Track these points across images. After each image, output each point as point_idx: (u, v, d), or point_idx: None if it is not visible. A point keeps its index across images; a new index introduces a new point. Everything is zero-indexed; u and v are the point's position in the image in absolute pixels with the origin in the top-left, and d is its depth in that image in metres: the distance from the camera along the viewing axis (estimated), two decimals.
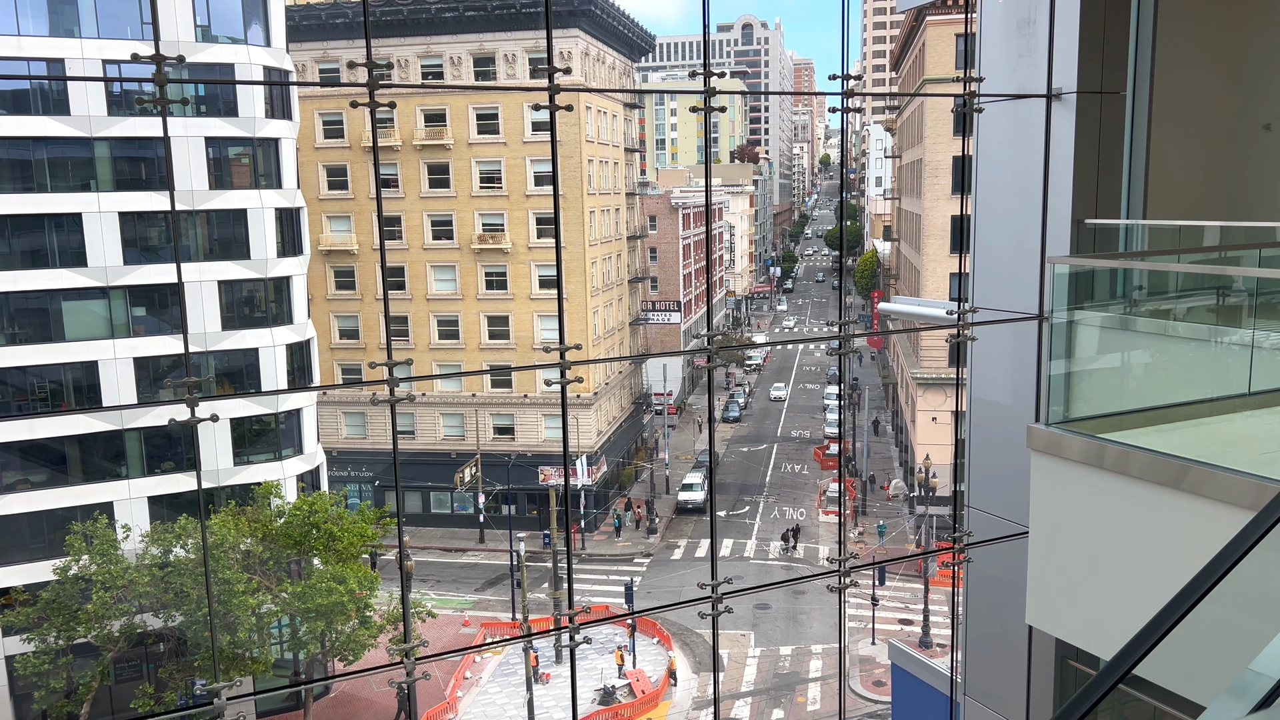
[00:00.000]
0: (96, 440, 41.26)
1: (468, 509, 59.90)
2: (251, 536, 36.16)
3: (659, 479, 67.43)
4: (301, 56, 58.79)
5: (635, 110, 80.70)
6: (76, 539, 35.60)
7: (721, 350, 9.91)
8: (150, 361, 41.86)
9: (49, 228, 40.16)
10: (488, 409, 61.60)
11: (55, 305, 40.39)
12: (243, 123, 42.83)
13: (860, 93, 10.21)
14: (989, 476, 10.52)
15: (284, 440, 45.06)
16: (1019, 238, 10.13)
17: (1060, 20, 9.66)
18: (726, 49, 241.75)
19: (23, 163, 39.85)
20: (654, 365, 76.98)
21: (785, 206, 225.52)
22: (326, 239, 61.34)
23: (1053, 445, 7.26)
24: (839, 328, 9.96)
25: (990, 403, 10.60)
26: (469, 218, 60.79)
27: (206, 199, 41.98)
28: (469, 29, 59.35)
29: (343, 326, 62.79)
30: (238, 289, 43.53)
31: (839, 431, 21.50)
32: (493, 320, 61.52)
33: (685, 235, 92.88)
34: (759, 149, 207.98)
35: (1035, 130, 9.91)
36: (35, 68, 39.41)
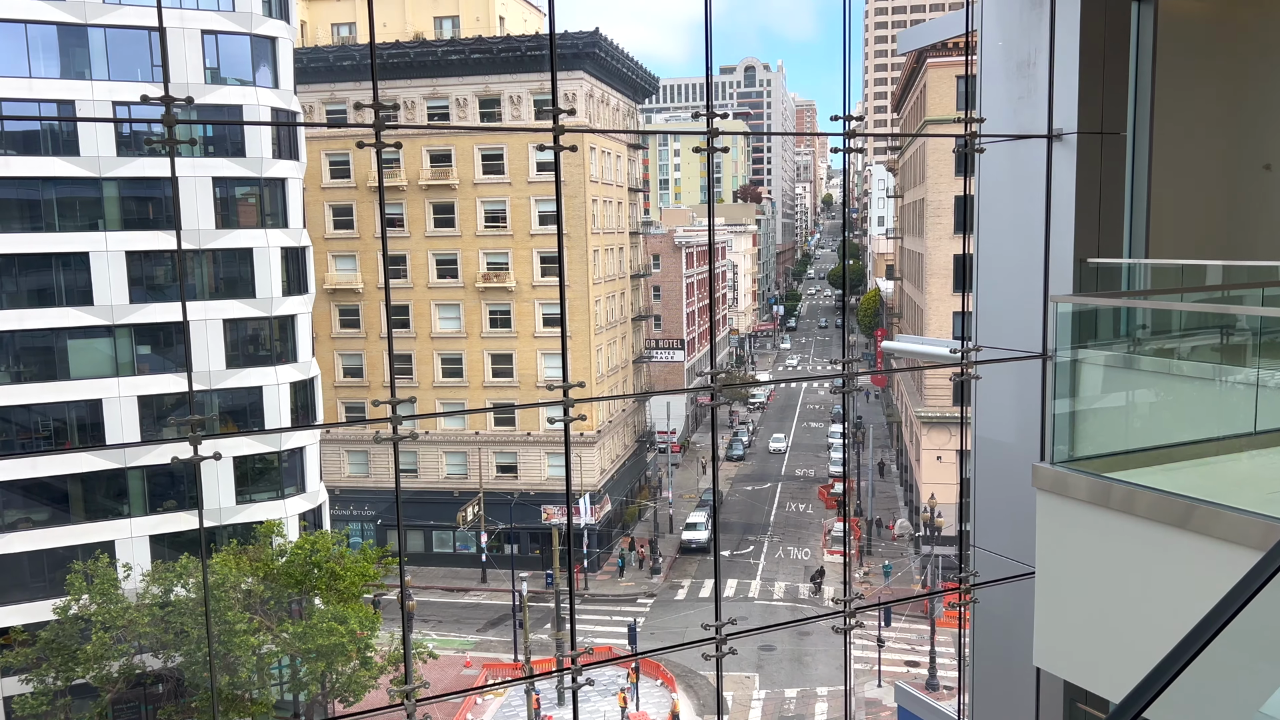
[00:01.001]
0: (99, 479, 41.20)
1: (470, 548, 59.56)
2: (253, 576, 35.95)
3: (662, 518, 67.08)
4: (309, 98, 59.47)
5: (639, 150, 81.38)
6: (77, 578, 35.41)
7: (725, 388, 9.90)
8: (154, 400, 41.90)
9: (56, 266, 40.42)
10: (491, 447, 61.47)
11: (61, 343, 40.52)
12: (250, 163, 43.23)
13: (862, 133, 10.30)
14: (995, 516, 10.45)
15: (286, 479, 44.95)
16: (1022, 277, 10.15)
17: (1060, 62, 9.76)
18: (729, 90, 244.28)
19: (31, 202, 40.20)
20: (657, 403, 76.88)
21: (788, 245, 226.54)
22: (332, 278, 61.63)
23: (1058, 484, 7.23)
24: (843, 366, 9.96)
25: (995, 442, 10.57)
26: (474, 256, 61.09)
27: (213, 238, 42.27)
28: (475, 71, 60.05)
29: (347, 365, 62.88)
30: (243, 327, 43.68)
31: (843, 471, 21.39)
32: (496, 358, 61.59)
33: (688, 274, 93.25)
34: (761, 189, 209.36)
35: (1036, 170, 9.98)
36: (46, 109, 39.90)
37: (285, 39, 44.48)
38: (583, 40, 59.31)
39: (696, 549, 61.68)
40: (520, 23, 72.78)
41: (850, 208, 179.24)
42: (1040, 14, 9.94)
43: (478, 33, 65.85)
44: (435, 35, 66.90)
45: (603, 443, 63.80)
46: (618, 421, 68.15)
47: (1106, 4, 9.63)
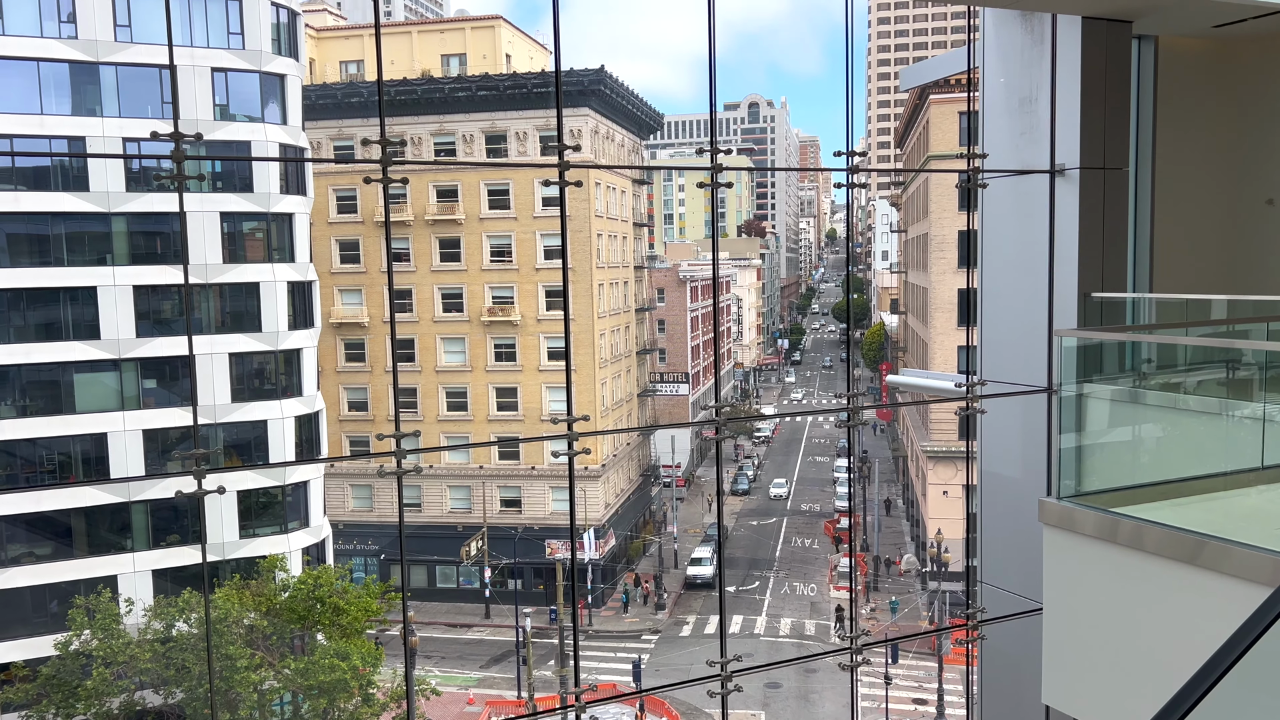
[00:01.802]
0: (103, 513, 41.12)
1: (473, 583, 59.20)
2: (255, 611, 35.72)
3: (667, 553, 66.69)
4: (317, 134, 60.04)
5: (644, 186, 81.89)
6: (79, 613, 35.22)
7: (730, 422, 9.88)
8: (159, 434, 41.93)
9: (64, 301, 40.64)
10: (495, 481, 61.30)
11: (67, 377, 40.64)
12: (258, 198, 43.57)
13: (865, 169, 10.38)
14: (1002, 551, 10.38)
15: (290, 513, 44.83)
16: (1026, 311, 10.17)
17: (1062, 98, 9.84)
18: (733, 127, 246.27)
19: (41, 237, 40.52)
20: (662, 437, 76.71)
21: (792, 280, 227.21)
22: (338, 311, 61.86)
23: (1065, 520, 7.19)
24: (848, 400, 9.95)
25: (1001, 476, 10.53)
26: (479, 290, 61.32)
27: (220, 272, 42.50)
28: (482, 108, 60.63)
29: (352, 398, 62.92)
30: (248, 361, 43.79)
31: (849, 506, 21.25)
32: (501, 392, 61.60)
33: (693, 307, 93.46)
34: (766, 223, 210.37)
35: (1039, 205, 10.03)
36: (57, 145, 40.33)
37: (294, 76, 45.01)
38: (588, 78, 59.92)
39: (701, 585, 61.24)
40: (527, 60, 73.62)
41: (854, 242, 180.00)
42: (1041, 51, 10.04)
43: (484, 70, 66.58)
44: (443, 73, 67.66)
45: (607, 477, 63.60)
46: (622, 455, 67.97)
47: (1107, 41, 9.73)
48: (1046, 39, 9.96)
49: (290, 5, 44.99)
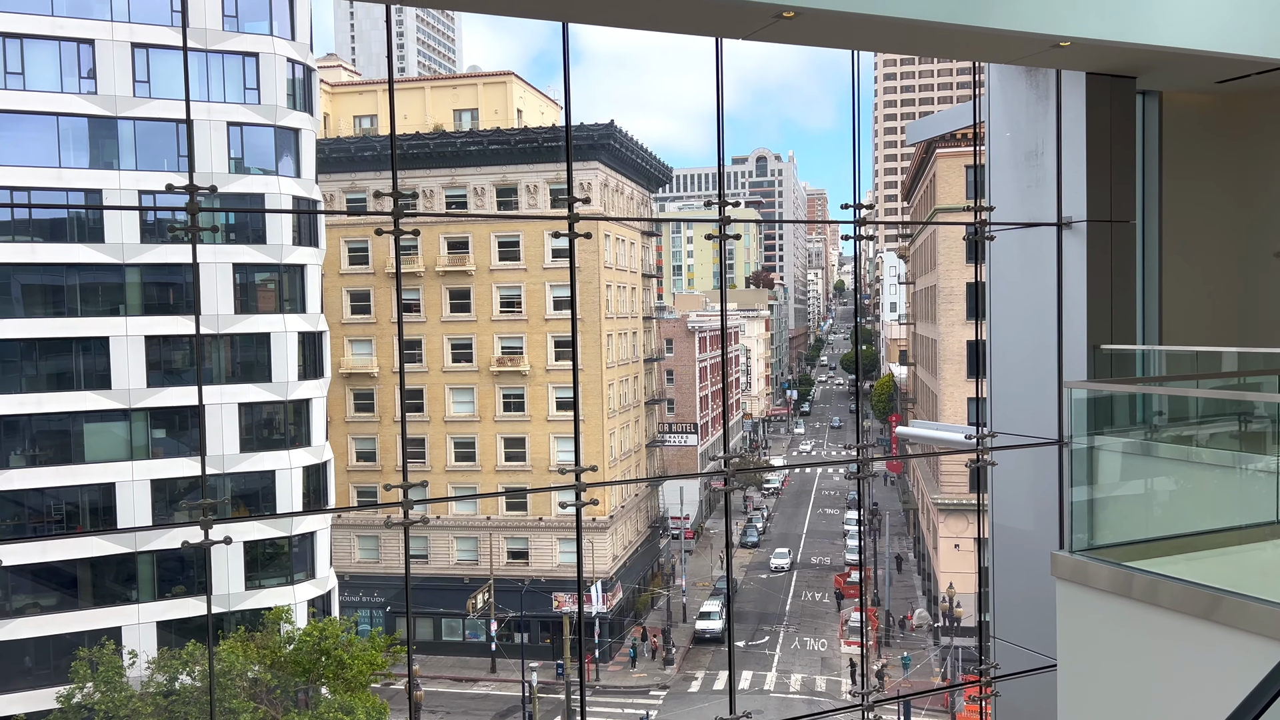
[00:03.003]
0: (109, 563, 40.94)
1: (479, 636, 58.54)
2: (260, 664, 35.37)
3: (675, 607, 65.94)
4: (330, 187, 60.79)
5: (652, 237, 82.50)
6: (81, 665, 34.93)
7: (739, 473, 9.85)
8: (167, 483, 41.89)
9: (76, 351, 40.90)
10: (502, 532, 60.93)
11: (77, 427, 40.74)
12: (270, 249, 44.00)
13: (872, 221, 10.45)
14: (1015, 606, 10.25)
15: (297, 564, 44.57)
16: (1035, 363, 10.15)
17: (1067, 152, 9.93)
18: (741, 180, 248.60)
19: (55, 288, 40.91)
20: (671, 488, 76.24)
21: (801, 331, 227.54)
22: (348, 362, 62.08)
23: (1078, 574, 7.10)
24: (858, 451, 9.91)
25: (1013, 529, 10.43)
26: (488, 341, 61.54)
27: (231, 323, 42.78)
28: (492, 162, 61.39)
29: (360, 448, 62.87)
30: (258, 411, 43.87)
31: (860, 559, 21.02)
32: (509, 442, 61.49)
33: (701, 358, 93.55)
34: (774, 275, 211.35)
35: (1047, 257, 10.06)
36: (74, 197, 40.90)
37: (308, 130, 45.70)
38: (598, 132, 60.69)
39: (711, 639, 60.45)
40: (537, 115, 74.70)
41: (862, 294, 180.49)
42: (1046, 106, 10.15)
43: (496, 125, 67.57)
44: (455, 127, 68.65)
45: (615, 528, 63.16)
46: (630, 507, 67.58)
47: (1111, 96, 9.84)
48: (1051, 94, 10.07)
49: (306, 61, 45.85)
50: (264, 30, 43.69)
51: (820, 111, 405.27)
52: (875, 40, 8.56)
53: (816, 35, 8.15)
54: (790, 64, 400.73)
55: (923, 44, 8.68)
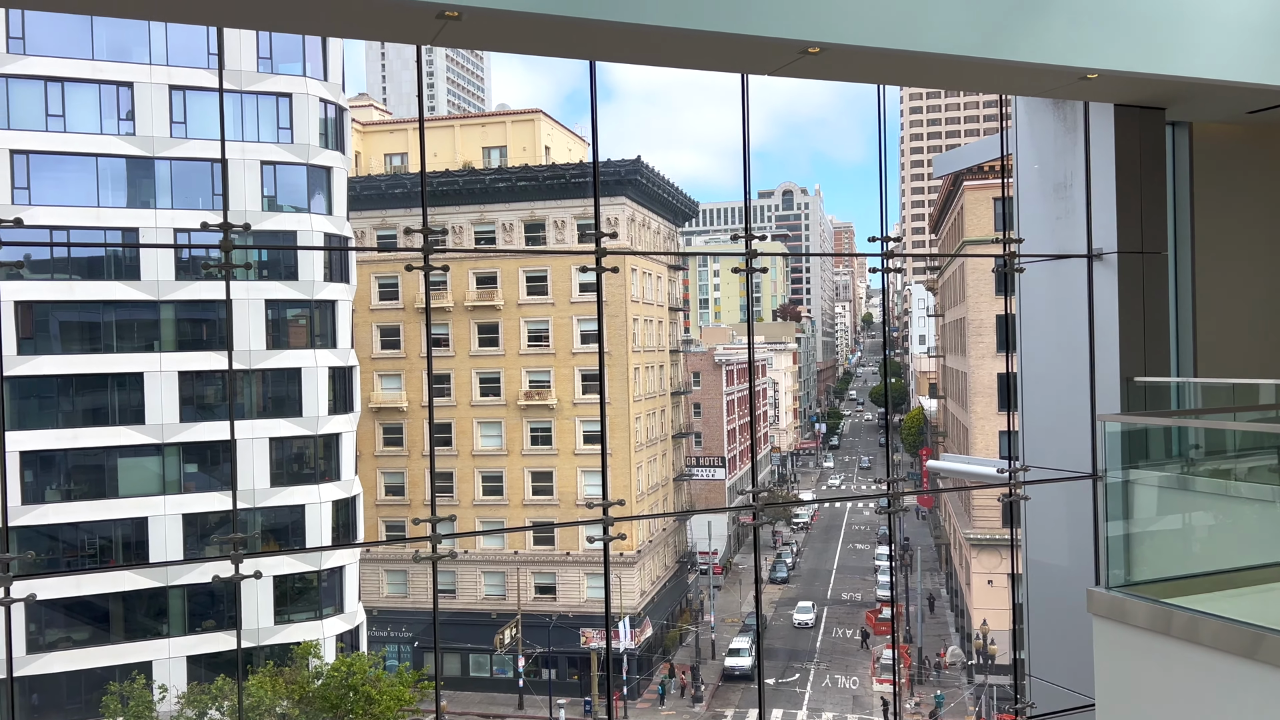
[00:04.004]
0: (140, 598, 41.21)
1: (507, 672, 58.22)
2: (288, 699, 35.35)
3: (704, 643, 65.29)
4: (361, 223, 61.58)
5: (679, 271, 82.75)
6: (112, 700, 35.07)
7: (767, 507, 9.79)
8: (199, 518, 42.22)
9: (111, 386, 41.49)
10: (529, 567, 60.75)
11: (111, 462, 41.23)
12: (302, 285, 44.56)
13: (900, 254, 10.44)
14: (1050, 643, 10.06)
15: (325, 598, 44.64)
16: (1067, 396, 10.04)
17: (1097, 184, 9.88)
18: (768, 214, 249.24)
19: (92, 325, 41.61)
20: (698, 523, 75.78)
21: (829, 363, 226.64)
22: (377, 396, 62.51)
23: (1115, 610, 6.97)
24: (888, 485, 9.83)
25: (1047, 565, 10.26)
26: (516, 375, 61.78)
27: (263, 358, 43.25)
28: (521, 198, 61.98)
29: (389, 482, 63.10)
30: (288, 446, 44.21)
31: (891, 595, 20.74)
32: (537, 476, 61.50)
33: (729, 391, 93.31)
34: (801, 307, 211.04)
35: (1078, 289, 9.99)
36: (111, 236, 41.71)
37: (340, 168, 46.42)
38: (625, 168, 61.17)
39: (740, 676, 59.73)
40: (565, 152, 75.44)
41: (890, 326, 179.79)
42: (1074, 138, 10.12)
43: (524, 161, 68.30)
44: (484, 164, 69.46)
45: (643, 563, 62.80)
46: (658, 541, 67.21)
47: (1140, 128, 9.80)
48: (1079, 126, 10.05)
49: (338, 101, 46.66)
50: (297, 71, 44.56)
51: (851, 145, 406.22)
52: (901, 75, 8.60)
53: (842, 71, 8.20)
54: (822, 98, 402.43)
55: (949, 78, 8.70)
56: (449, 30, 6.80)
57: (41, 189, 40.50)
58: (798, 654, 63.83)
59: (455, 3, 6.36)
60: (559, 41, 7.35)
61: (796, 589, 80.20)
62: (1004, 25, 7.88)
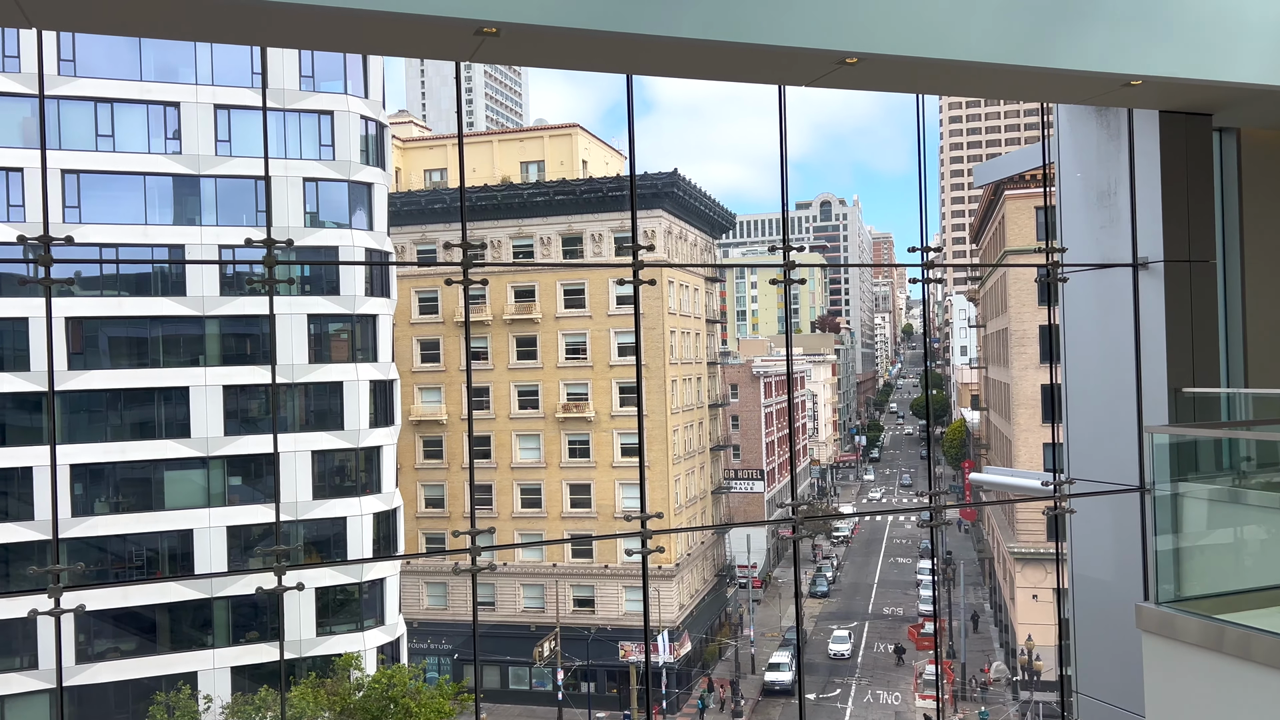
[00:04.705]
0: (185, 609, 41.80)
1: (546, 685, 58.22)
2: (330, 710, 35.62)
3: (744, 657, 64.87)
4: (401, 239, 62.26)
5: (716, 283, 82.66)
6: (159, 710, 35.56)
7: (807, 520, 9.72)
8: (242, 530, 42.78)
9: (158, 401, 42.24)
10: (568, 579, 60.79)
11: (158, 475, 41.93)
12: (344, 300, 45.11)
13: (940, 264, 10.34)
14: (1098, 659, 9.86)
15: (366, 610, 44.98)
16: (1114, 407, 9.87)
17: (1142, 192, 9.72)
18: (805, 225, 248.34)
19: (139, 340, 42.42)
20: (737, 536, 75.41)
21: (868, 375, 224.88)
22: (417, 409, 63.02)
23: (1165, 626, 6.82)
24: (929, 499, 9.72)
25: (1094, 579, 10.07)
26: (554, 387, 61.99)
27: (305, 372, 43.80)
28: (558, 212, 62.33)
29: (429, 495, 63.53)
30: (330, 459, 44.68)
31: (934, 610, 20.39)
32: (575, 488, 61.59)
33: (767, 403, 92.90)
34: (840, 319, 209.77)
35: (1123, 299, 9.83)
36: (159, 253, 42.55)
37: (380, 185, 46.99)
38: (662, 181, 61.31)
39: (780, 691, 59.25)
40: (602, 165, 75.78)
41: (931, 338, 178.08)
42: (1118, 145, 9.98)
43: (562, 175, 68.71)
44: (522, 179, 69.97)
45: (681, 577, 62.59)
46: (696, 555, 66.97)
47: (1186, 134, 9.64)
48: (1123, 133, 9.91)
49: (378, 118, 47.28)
50: (339, 89, 45.24)
51: (892, 154, 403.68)
52: (940, 84, 8.53)
53: (880, 80, 8.15)
54: (865, 107, 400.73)
55: (989, 87, 8.62)
56: (487, 46, 6.87)
57: (91, 207, 41.44)
58: (838, 669, 63.19)
59: (494, 19, 6.42)
60: (596, 56, 7.39)
61: (837, 603, 79.46)
62: (1044, 32, 7.80)
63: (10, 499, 40.00)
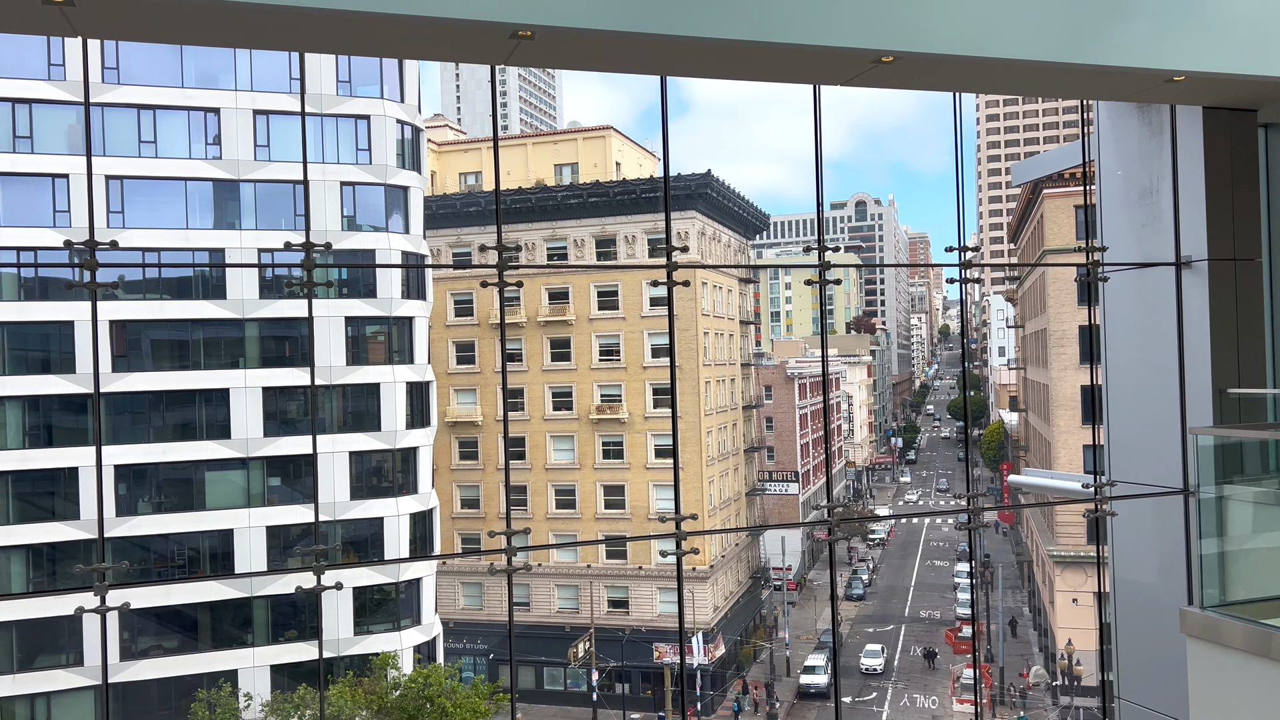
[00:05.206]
0: (226, 607, 42.39)
1: (581, 686, 58.35)
2: (367, 709, 35.93)
3: (779, 660, 64.59)
4: (437, 241, 62.73)
5: (750, 284, 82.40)
6: (200, 706, 36.07)
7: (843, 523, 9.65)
8: (281, 530, 43.30)
9: (199, 403, 42.88)
10: (602, 580, 60.87)
11: (199, 475, 42.57)
12: (381, 303, 45.53)
13: (978, 264, 10.24)
14: (1140, 664, 9.71)
15: (403, 610, 45.34)
16: (1156, 408, 9.71)
17: (1185, 189, 9.57)
18: (840, 225, 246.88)
19: (181, 343, 43.10)
20: (772, 537, 75.12)
21: (905, 377, 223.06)
22: (453, 411, 63.44)
23: (1210, 631, 6.70)
24: (968, 501, 9.63)
25: (1136, 583, 9.92)
26: (588, 389, 62.13)
27: (343, 374, 44.26)
28: (592, 214, 62.47)
29: (465, 496, 63.92)
30: (367, 459, 45.11)
31: (972, 613, 20.20)
32: (609, 490, 61.68)
33: (801, 405, 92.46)
34: (875, 320, 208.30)
35: (1166, 298, 9.67)
36: (199, 257, 43.21)
37: (416, 188, 47.38)
38: (695, 182, 61.25)
39: (816, 694, 58.92)
40: (636, 167, 75.85)
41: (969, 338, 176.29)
42: (1161, 142, 9.82)
43: (595, 178, 68.88)
44: (556, 181, 70.22)
45: (715, 578, 62.45)
46: (731, 556, 66.78)
47: (1230, 130, 9.46)
48: (1165, 130, 9.75)
49: (414, 122, 47.68)
50: (375, 94, 45.68)
51: (931, 154, 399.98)
52: (978, 82, 8.45)
53: (917, 79, 8.08)
54: (904, 106, 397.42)
55: (1028, 84, 8.52)
56: (522, 50, 6.90)
57: (135, 212, 42.17)
58: (874, 672, 62.70)
59: (528, 22, 6.45)
60: (631, 58, 7.40)
61: (873, 606, 78.88)
62: (1085, 28, 7.69)
63: (57, 499, 40.80)
